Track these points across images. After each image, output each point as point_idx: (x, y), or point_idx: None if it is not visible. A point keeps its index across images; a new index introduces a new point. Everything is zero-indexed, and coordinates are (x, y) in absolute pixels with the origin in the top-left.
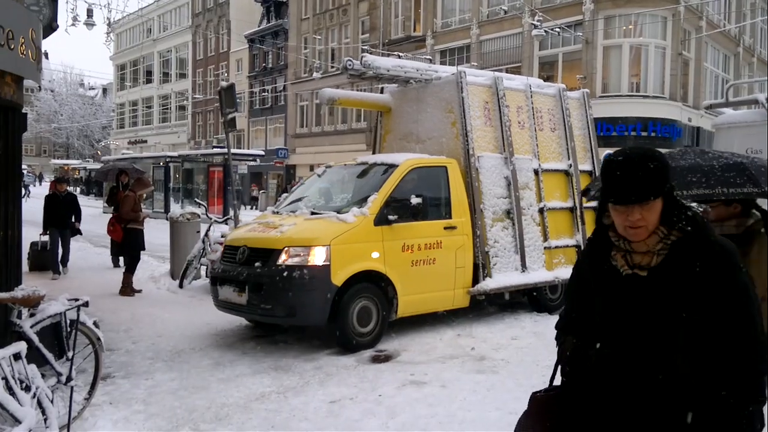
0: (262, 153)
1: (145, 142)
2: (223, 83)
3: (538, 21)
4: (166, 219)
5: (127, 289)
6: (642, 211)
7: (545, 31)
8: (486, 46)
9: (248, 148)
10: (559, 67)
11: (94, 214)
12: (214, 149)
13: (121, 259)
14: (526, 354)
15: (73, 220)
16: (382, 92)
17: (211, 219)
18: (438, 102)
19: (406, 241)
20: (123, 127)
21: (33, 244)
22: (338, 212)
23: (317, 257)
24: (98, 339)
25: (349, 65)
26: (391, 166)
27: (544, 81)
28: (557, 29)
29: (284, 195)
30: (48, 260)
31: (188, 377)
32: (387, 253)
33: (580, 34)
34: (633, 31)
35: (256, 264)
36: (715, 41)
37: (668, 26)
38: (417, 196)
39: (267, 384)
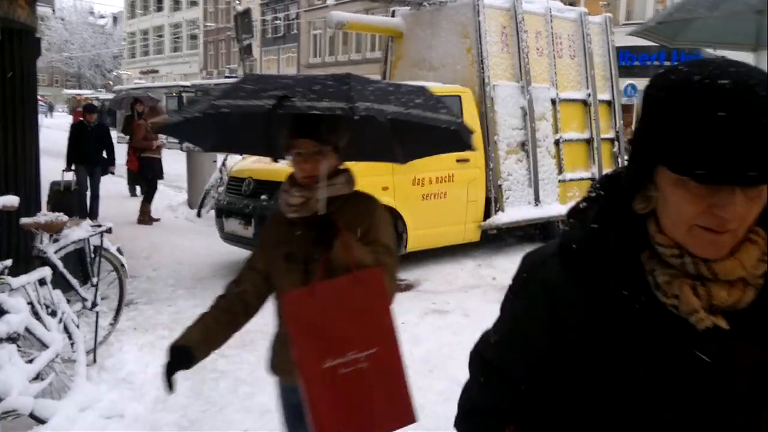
0: None
1: (157, 72)
2: (239, 8)
3: None
4: (181, 149)
5: (146, 217)
6: (747, 202)
7: None
8: None
9: None
10: None
11: None
12: (227, 79)
13: (138, 188)
14: None
15: (104, 155)
16: (393, 16)
17: None
18: (452, 26)
19: (417, 174)
20: (134, 56)
21: (54, 184)
22: None
23: None
24: (122, 265)
25: None
26: None
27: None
28: None
29: None
30: (73, 202)
31: (210, 304)
32: (397, 187)
33: None
34: None
35: (263, 197)
36: None
37: None
38: None
39: None
